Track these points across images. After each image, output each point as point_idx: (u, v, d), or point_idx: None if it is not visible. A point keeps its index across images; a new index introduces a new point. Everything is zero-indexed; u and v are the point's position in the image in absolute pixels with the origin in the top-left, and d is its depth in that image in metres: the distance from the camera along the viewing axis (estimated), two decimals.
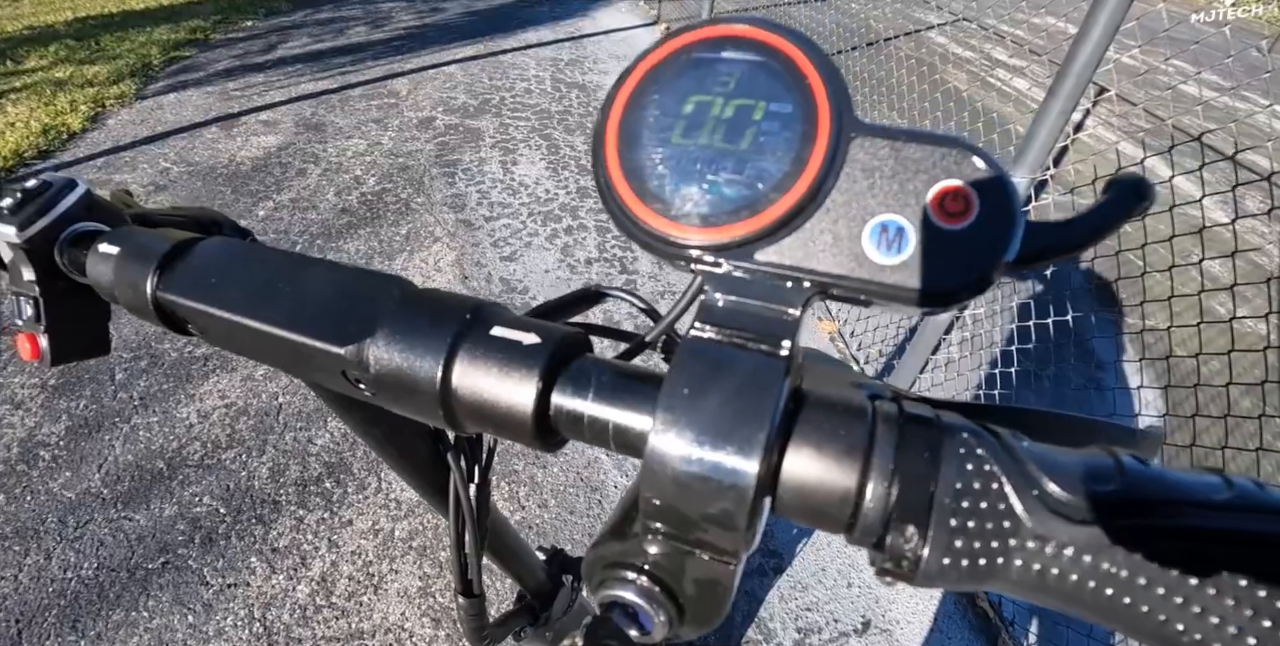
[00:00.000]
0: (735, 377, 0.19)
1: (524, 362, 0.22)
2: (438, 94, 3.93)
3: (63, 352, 0.36)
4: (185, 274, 0.29)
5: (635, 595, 0.23)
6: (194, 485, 1.64)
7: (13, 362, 1.99)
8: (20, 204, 0.33)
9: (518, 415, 0.22)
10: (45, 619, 1.39)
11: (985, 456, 0.18)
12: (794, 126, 0.20)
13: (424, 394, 0.23)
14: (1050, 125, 1.31)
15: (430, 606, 1.43)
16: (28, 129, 3.45)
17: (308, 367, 0.27)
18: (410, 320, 0.24)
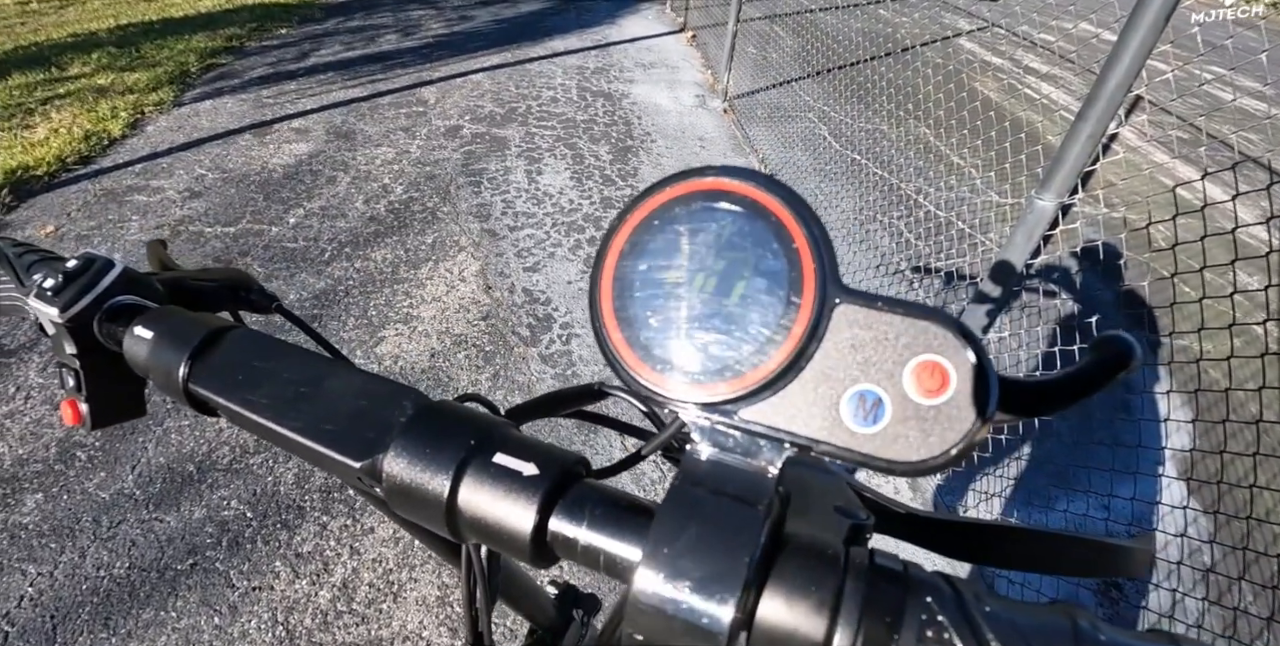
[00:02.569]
0: (716, 530, 0.20)
1: (523, 492, 0.24)
2: (465, 102, 3.99)
3: (101, 418, 0.39)
4: (215, 367, 0.32)
5: None
6: (222, 489, 1.69)
7: (53, 364, 2.06)
8: (63, 285, 0.36)
9: (517, 538, 0.24)
10: (79, 615, 1.44)
11: (944, 623, 0.19)
12: (780, 289, 0.21)
13: (432, 509, 0.25)
14: (1079, 149, 1.30)
15: (448, 616, 1.45)
16: (70, 135, 3.57)
17: (327, 468, 0.29)
18: (419, 442, 0.26)
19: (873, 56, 4.24)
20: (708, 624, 0.19)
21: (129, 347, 0.34)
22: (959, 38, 5.89)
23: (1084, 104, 1.26)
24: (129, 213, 2.85)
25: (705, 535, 0.20)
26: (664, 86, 4.39)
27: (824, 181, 3.19)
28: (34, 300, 0.36)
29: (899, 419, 0.20)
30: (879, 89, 3.86)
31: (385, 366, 2.06)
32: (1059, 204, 1.32)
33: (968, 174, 3.38)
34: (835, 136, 3.57)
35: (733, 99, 4.11)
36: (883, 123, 3.77)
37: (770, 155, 3.43)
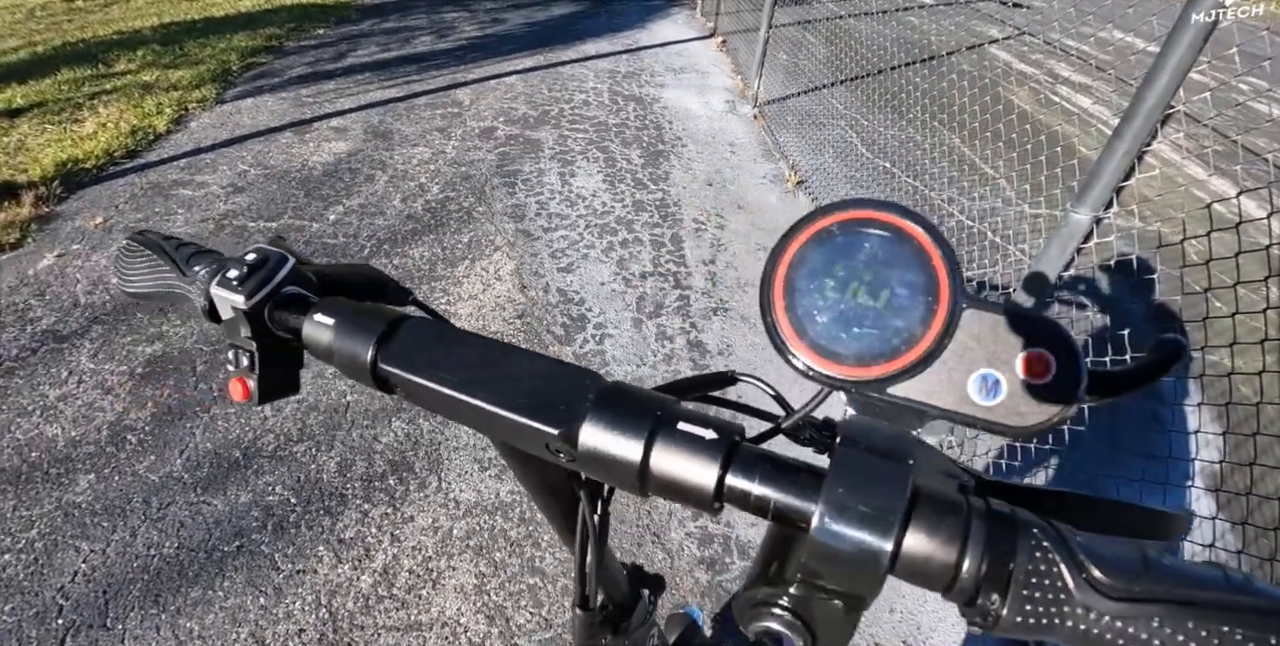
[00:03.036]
0: (876, 482, 0.25)
1: (706, 454, 0.28)
2: (499, 104, 4.06)
3: (266, 394, 0.43)
4: (399, 350, 0.36)
5: (782, 626, 0.29)
6: (267, 475, 1.74)
7: (103, 350, 2.13)
8: (246, 276, 0.40)
9: (701, 492, 0.29)
10: (130, 592, 1.50)
11: (1049, 547, 0.24)
12: (921, 297, 0.27)
13: (625, 471, 0.30)
14: (1116, 165, 1.31)
15: (485, 604, 1.49)
16: (118, 129, 3.68)
17: (512, 437, 0.33)
18: (612, 414, 0.30)
19: (903, 63, 4.25)
20: (872, 555, 0.24)
21: (310, 332, 0.38)
22: (990, 45, 5.86)
23: (1121, 121, 1.27)
24: (175, 206, 2.94)
25: (869, 485, 0.25)
26: (694, 91, 4.43)
27: (854, 188, 3.20)
28: (218, 288, 0.40)
29: (1012, 395, 0.26)
30: (910, 97, 3.87)
31: None
32: (1094, 217, 1.34)
33: (999, 184, 3.38)
34: (865, 144, 3.59)
35: (763, 105, 4.14)
36: (913, 131, 3.78)
37: (800, 161, 3.45)
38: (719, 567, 1.61)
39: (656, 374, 2.11)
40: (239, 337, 0.41)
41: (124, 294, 0.49)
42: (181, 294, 0.44)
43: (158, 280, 0.45)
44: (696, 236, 2.82)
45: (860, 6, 6.15)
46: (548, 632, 1.45)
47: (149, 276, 0.46)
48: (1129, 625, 0.22)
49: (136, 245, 0.48)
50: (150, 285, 0.46)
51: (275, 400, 0.43)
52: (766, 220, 2.99)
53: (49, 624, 1.43)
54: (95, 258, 2.59)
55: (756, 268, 2.66)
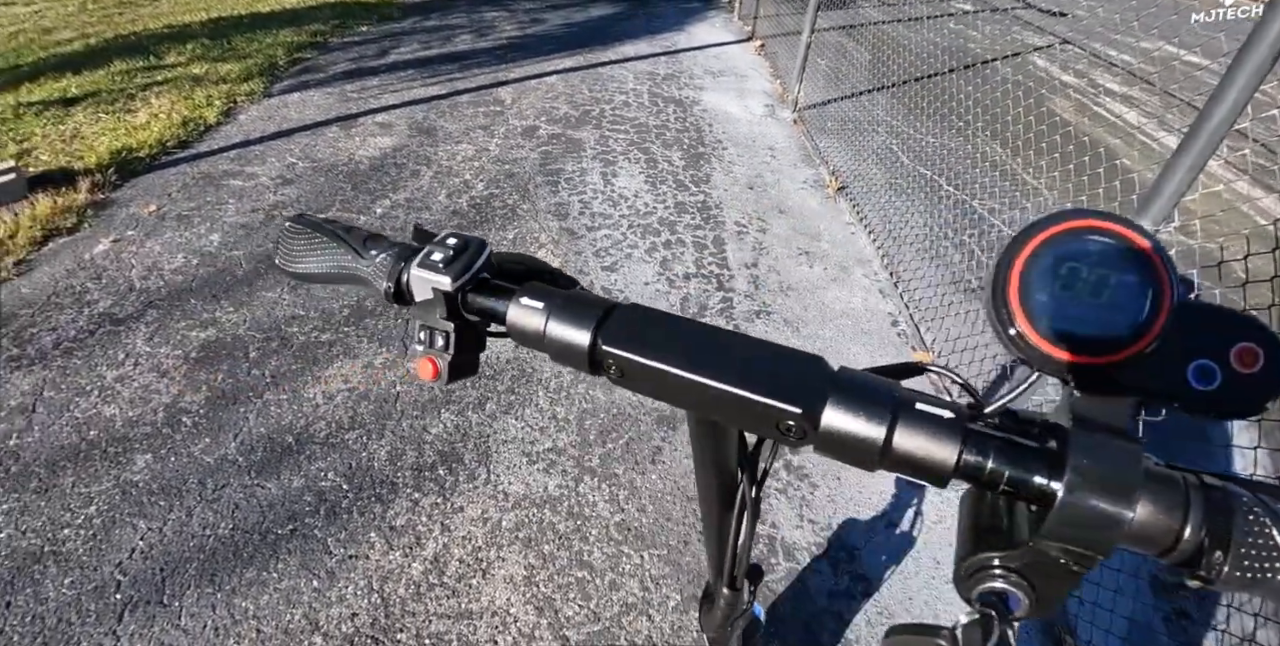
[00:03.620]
0: (1113, 459, 0.28)
1: (947, 432, 0.31)
2: (540, 104, 4.09)
3: (454, 374, 0.44)
4: (620, 333, 0.37)
5: (1008, 585, 0.30)
6: (319, 461, 1.77)
7: (159, 334, 2.18)
8: (452, 259, 0.41)
9: (941, 467, 0.31)
10: (186, 570, 1.52)
11: (1260, 512, 0.27)
12: (1143, 295, 0.29)
13: (867, 448, 0.32)
14: (1179, 180, 1.30)
15: (534, 595, 1.50)
16: (170, 120, 3.75)
17: (741, 416, 0.34)
18: (854, 396, 0.32)
19: (943, 70, 4.22)
20: (1112, 522, 0.27)
21: (516, 316, 0.39)
22: (1031, 54, 5.79)
23: (1185, 136, 1.26)
24: (225, 196, 2.99)
25: (1109, 462, 0.28)
26: (733, 95, 4.43)
27: (895, 196, 3.18)
28: (421, 270, 0.41)
29: (1225, 383, 0.29)
30: (950, 104, 3.84)
31: None
32: (1156, 230, 1.32)
33: (1042, 195, 3.34)
34: (905, 151, 3.57)
35: (802, 110, 4.13)
36: (954, 139, 3.75)
37: (841, 168, 3.44)
38: (765, 567, 1.60)
39: None
40: (434, 319, 0.42)
41: (287, 274, 0.50)
42: (360, 276, 0.45)
43: (332, 262, 0.46)
44: (739, 239, 2.82)
45: (898, 12, 6.13)
46: (596, 626, 1.45)
47: (320, 258, 0.47)
48: None
49: (301, 227, 0.49)
50: (323, 267, 0.47)
51: (460, 380, 0.44)
52: (808, 225, 2.98)
53: (108, 598, 1.47)
54: (150, 244, 2.65)
55: (798, 272, 2.66)
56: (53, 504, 1.65)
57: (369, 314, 2.30)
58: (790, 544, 1.67)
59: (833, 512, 1.77)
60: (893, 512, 1.80)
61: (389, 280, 0.43)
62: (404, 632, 1.41)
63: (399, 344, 2.18)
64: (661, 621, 1.48)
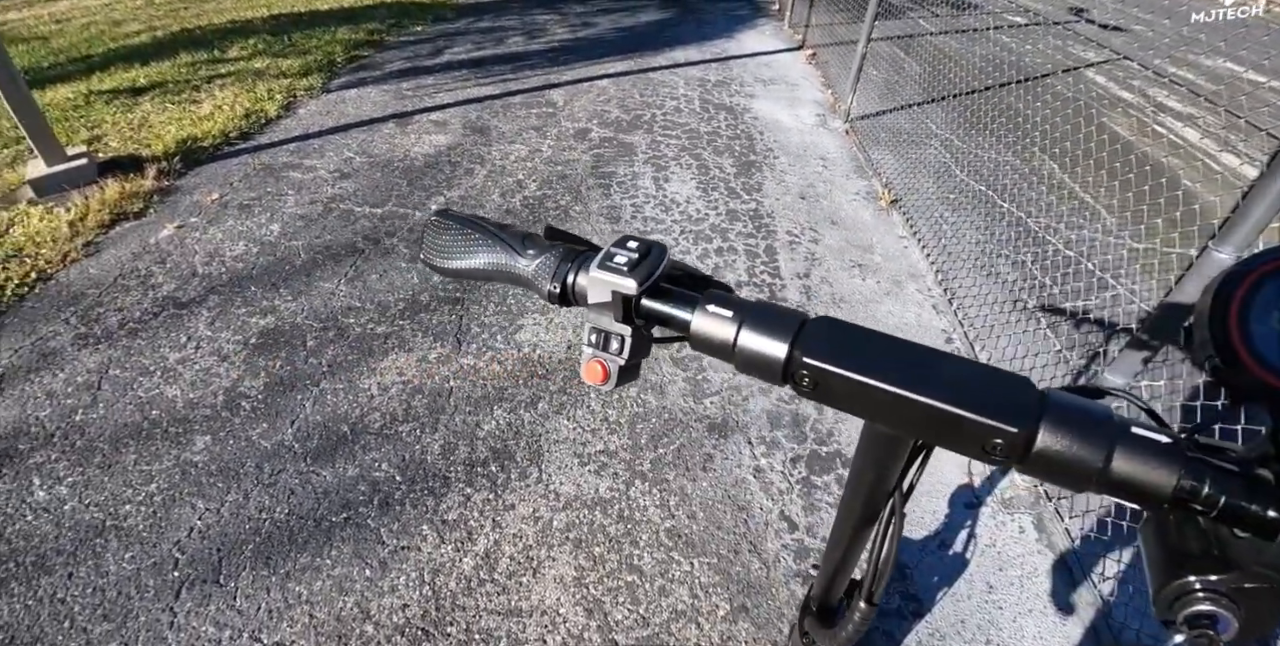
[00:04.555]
0: None
1: (1163, 457, 0.31)
2: (592, 107, 4.11)
3: (623, 378, 0.43)
4: (817, 346, 0.36)
5: (1218, 607, 0.30)
6: (373, 452, 1.78)
7: (220, 319, 2.23)
8: (637, 263, 0.40)
9: (1159, 491, 0.31)
10: (243, 551, 1.54)
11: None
12: None
13: (1083, 470, 0.32)
14: (1267, 205, 1.25)
15: (584, 596, 1.48)
16: (232, 112, 3.86)
17: (946, 434, 0.34)
18: (1070, 418, 0.32)
19: (998, 84, 4.14)
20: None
21: (702, 324, 0.39)
22: (1088, 69, 5.67)
23: (1273, 159, 1.21)
24: (285, 187, 3.06)
25: None
26: (784, 103, 4.40)
27: (948, 210, 3.13)
28: (601, 272, 0.40)
29: None
30: (1003, 119, 3.77)
31: (524, 353, 2.14)
32: (1237, 257, 1.28)
33: (1099, 214, 3.25)
34: (960, 165, 3.51)
35: (854, 120, 4.09)
36: (1010, 154, 3.67)
37: (894, 180, 3.39)
38: (810, 581, 1.57)
39: (755, 385, 2.09)
40: (608, 322, 0.41)
41: (434, 269, 0.50)
42: (519, 274, 0.45)
43: (488, 260, 0.46)
44: (791, 249, 2.79)
45: (951, 24, 6.04)
46: (645, 630, 1.44)
47: (474, 255, 0.46)
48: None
49: (449, 223, 0.48)
50: (479, 263, 0.46)
51: (624, 385, 0.43)
52: (861, 238, 2.94)
53: (165, 575, 1.49)
54: (212, 231, 2.71)
55: (851, 284, 2.62)
56: (115, 479, 1.69)
57: (424, 309, 2.32)
58: None
59: None
60: (945, 533, 1.76)
61: (554, 282, 0.43)
62: (454, 627, 1.41)
63: (453, 339, 2.19)
64: (710, 630, 1.46)
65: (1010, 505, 1.84)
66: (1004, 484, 1.89)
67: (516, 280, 0.45)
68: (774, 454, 1.86)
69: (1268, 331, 0.30)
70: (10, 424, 1.83)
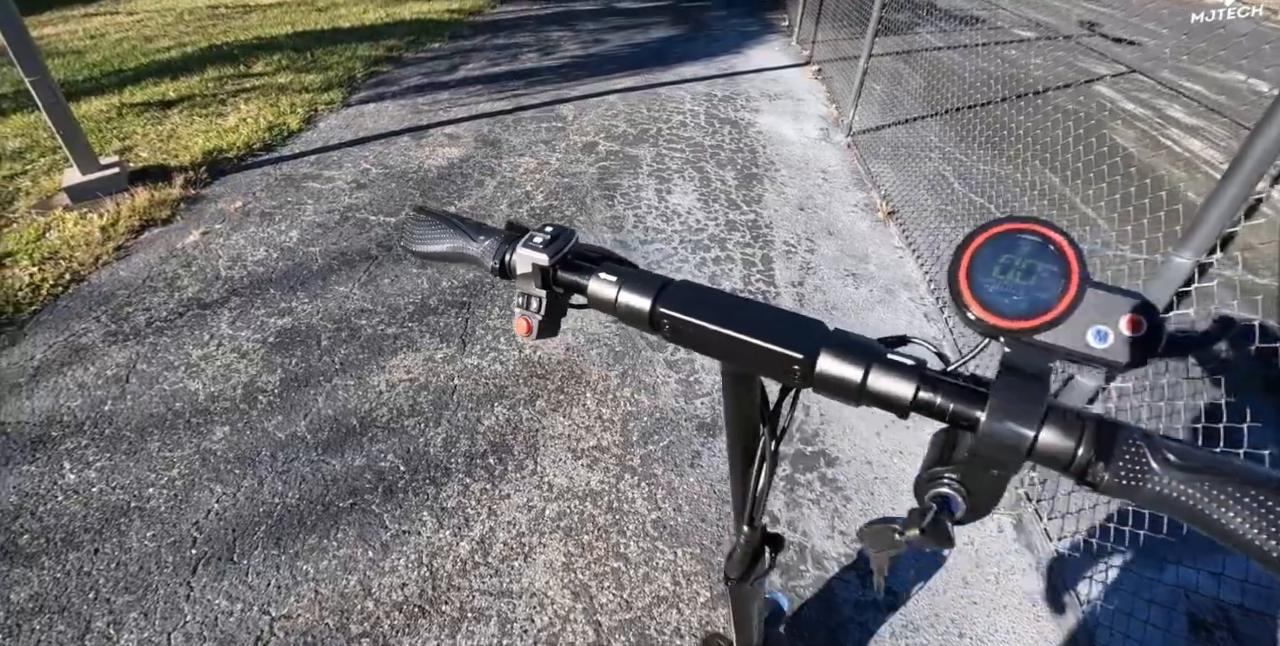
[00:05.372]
0: (1026, 397, 0.36)
1: (907, 375, 0.40)
2: (600, 121, 4.24)
3: (541, 332, 0.55)
4: (672, 301, 0.47)
5: (950, 490, 0.39)
6: (380, 443, 1.89)
7: (240, 319, 2.36)
8: (550, 241, 0.52)
9: (901, 401, 0.40)
10: (256, 532, 1.65)
11: (1138, 440, 0.34)
12: (1061, 279, 0.38)
13: (849, 386, 0.41)
14: (1223, 210, 1.31)
15: (571, 581, 1.57)
16: (257, 125, 4.03)
17: (758, 362, 0.44)
18: (842, 347, 0.42)
19: (1000, 98, 4.22)
20: (1018, 442, 0.35)
21: (595, 288, 0.50)
22: (1095, 83, 5.73)
23: (1231, 164, 1.28)
24: (305, 197, 3.20)
25: (1020, 397, 0.36)
26: (789, 118, 4.52)
27: (945, 222, 3.20)
28: (524, 249, 0.52)
29: (1116, 343, 0.36)
30: (1003, 132, 3.85)
31: (524, 355, 2.24)
32: (1196, 262, 1.35)
33: (1099, 226, 3.32)
34: (959, 179, 3.58)
35: (856, 134, 4.19)
36: (1011, 168, 3.75)
37: (892, 192, 3.48)
38: (793, 573, 1.65)
39: None
40: (531, 288, 0.52)
41: (410, 252, 0.61)
42: (469, 255, 0.56)
43: (450, 244, 0.57)
44: (787, 258, 2.88)
45: (957, 40, 6.14)
46: (628, 614, 1.52)
47: (440, 241, 0.58)
48: (1187, 486, 0.32)
49: (424, 216, 0.60)
50: (442, 248, 0.58)
51: (544, 338, 0.54)
52: (856, 247, 3.03)
53: (184, 552, 1.60)
54: (235, 237, 2.86)
55: (844, 292, 2.71)
56: (140, 465, 1.81)
57: (432, 312, 2.44)
58: (820, 553, 1.71)
59: None
60: None
61: (495, 259, 0.53)
62: (448, 605, 1.51)
63: (458, 340, 2.31)
64: (690, 615, 1.54)
65: None
66: None
67: (471, 260, 0.56)
68: None
69: (988, 281, 0.40)
70: (44, 413, 1.96)
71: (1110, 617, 1.59)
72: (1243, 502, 0.30)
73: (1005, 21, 6.80)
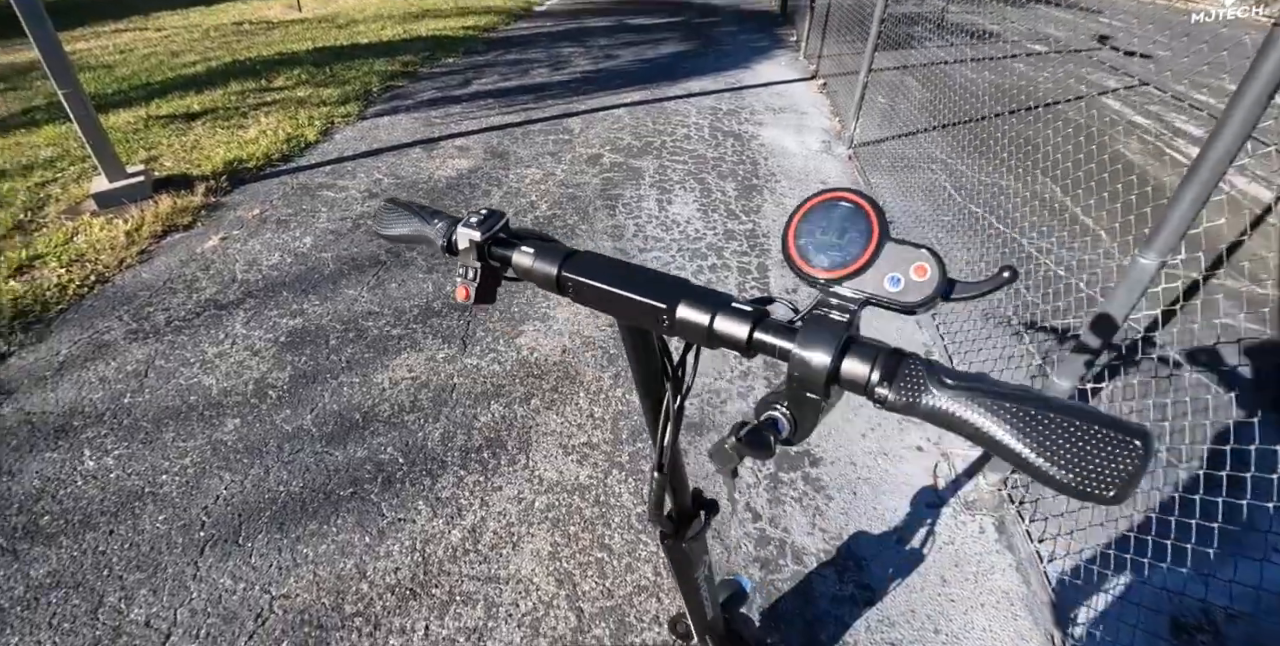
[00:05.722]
0: (830, 332, 0.42)
1: (745, 319, 0.47)
2: (606, 134, 4.36)
3: (478, 299, 0.63)
4: (575, 267, 0.56)
5: (778, 413, 0.46)
6: (381, 437, 1.98)
7: (254, 319, 2.47)
8: (484, 221, 0.61)
9: (739, 340, 0.46)
10: (260, 517, 1.74)
11: (917, 364, 0.40)
12: (864, 238, 0.46)
13: (699, 330, 0.48)
14: (1182, 213, 1.37)
15: (556, 569, 1.65)
16: (275, 136, 4.19)
17: (635, 313, 0.52)
18: (696, 298, 0.49)
19: (1008, 111, 4.28)
20: (822, 367, 0.41)
21: (518, 259, 0.59)
22: (1104, 96, 5.76)
23: (1189, 169, 1.33)
24: (319, 205, 3.34)
25: (825, 332, 0.42)
26: (792, 131, 4.61)
27: (940, 231, 3.26)
28: (463, 228, 0.61)
29: (907, 287, 0.43)
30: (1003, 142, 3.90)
31: (522, 356, 2.33)
32: (1161, 263, 1.40)
33: (1099, 236, 3.36)
34: (957, 189, 3.65)
35: (858, 146, 4.27)
36: (1012, 179, 3.80)
37: (890, 202, 3.55)
38: (772, 567, 1.71)
39: (733, 388, 2.25)
40: (469, 261, 0.61)
41: (379, 236, 0.70)
42: (425, 236, 0.65)
43: (410, 228, 0.66)
44: (782, 266, 2.96)
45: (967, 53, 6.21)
46: (609, 601, 1.59)
47: (403, 225, 0.67)
48: (953, 401, 0.38)
49: (392, 206, 0.69)
50: (404, 231, 0.67)
51: (481, 304, 0.62)
52: None
53: (193, 534, 1.70)
54: (252, 243, 2.99)
55: None
56: (155, 453, 1.91)
57: (435, 314, 2.54)
58: (800, 548, 1.77)
59: (845, 524, 1.86)
60: (904, 530, 1.88)
61: (443, 238, 0.63)
62: (439, 588, 1.59)
63: (459, 342, 2.40)
64: (670, 604, 1.60)
65: (972, 507, 1.95)
66: (968, 487, 2.01)
67: (425, 241, 0.65)
68: None
69: (810, 240, 0.48)
70: (68, 404, 2.08)
71: (1090, 618, 1.61)
72: (994, 411, 0.37)
73: (1018, 36, 6.88)
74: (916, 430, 2.14)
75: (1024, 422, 0.36)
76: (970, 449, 2.09)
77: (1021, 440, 0.36)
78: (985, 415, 0.37)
